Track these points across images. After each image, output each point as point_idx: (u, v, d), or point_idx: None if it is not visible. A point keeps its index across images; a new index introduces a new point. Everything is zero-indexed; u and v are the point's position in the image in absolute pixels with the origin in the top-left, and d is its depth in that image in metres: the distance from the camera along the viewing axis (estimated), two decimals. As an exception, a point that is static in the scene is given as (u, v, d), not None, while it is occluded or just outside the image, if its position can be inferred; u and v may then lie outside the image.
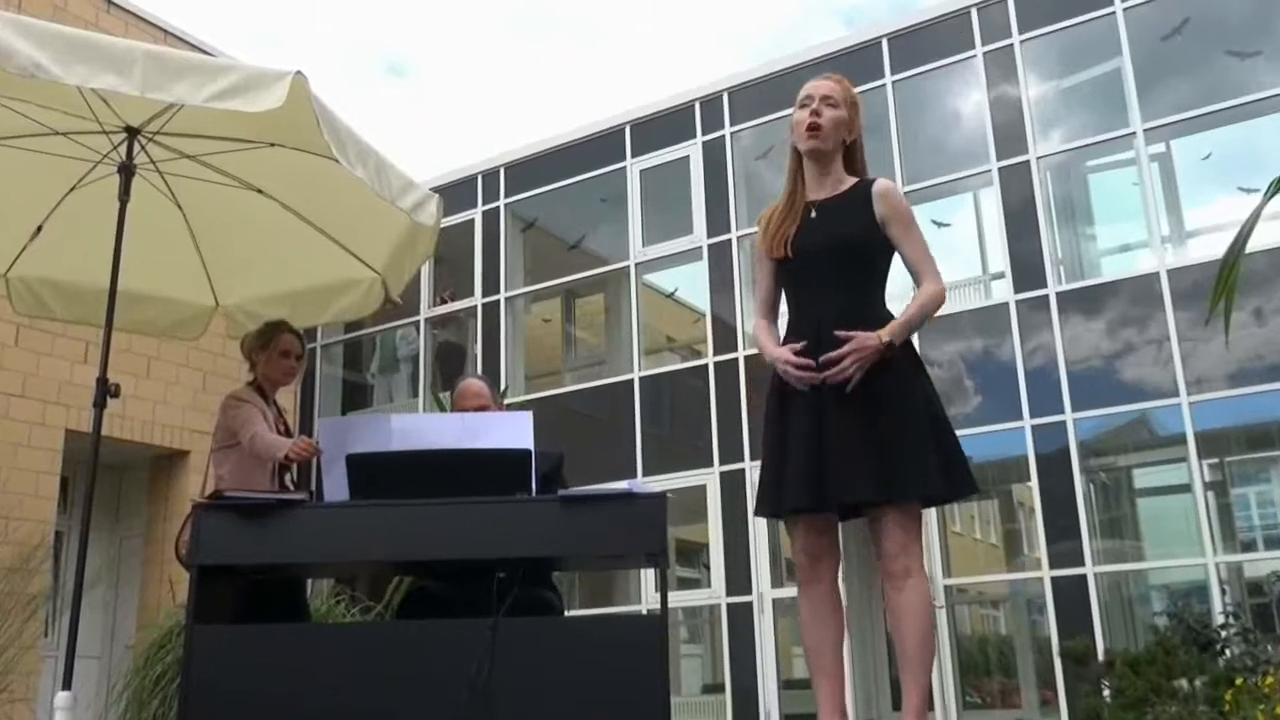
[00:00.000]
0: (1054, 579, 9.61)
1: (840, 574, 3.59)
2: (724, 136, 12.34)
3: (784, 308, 3.76)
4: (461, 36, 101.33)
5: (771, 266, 3.68)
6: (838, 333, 3.39)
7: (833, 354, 3.38)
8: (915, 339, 3.59)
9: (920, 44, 11.47)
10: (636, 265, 12.70)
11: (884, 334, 3.40)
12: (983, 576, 12.49)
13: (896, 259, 3.64)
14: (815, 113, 3.62)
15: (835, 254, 3.52)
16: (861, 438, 3.34)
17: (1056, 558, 9.63)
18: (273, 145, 4.95)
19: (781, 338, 3.65)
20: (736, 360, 11.61)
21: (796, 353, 3.46)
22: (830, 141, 3.62)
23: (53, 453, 11.10)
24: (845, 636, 3.61)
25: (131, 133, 4.76)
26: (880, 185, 3.60)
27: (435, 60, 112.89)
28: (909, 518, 3.39)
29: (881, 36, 11.61)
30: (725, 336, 11.86)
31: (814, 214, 3.61)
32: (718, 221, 12.14)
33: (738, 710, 10.62)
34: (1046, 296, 10.27)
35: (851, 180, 3.66)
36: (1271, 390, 9.25)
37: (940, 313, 3.73)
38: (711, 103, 12.52)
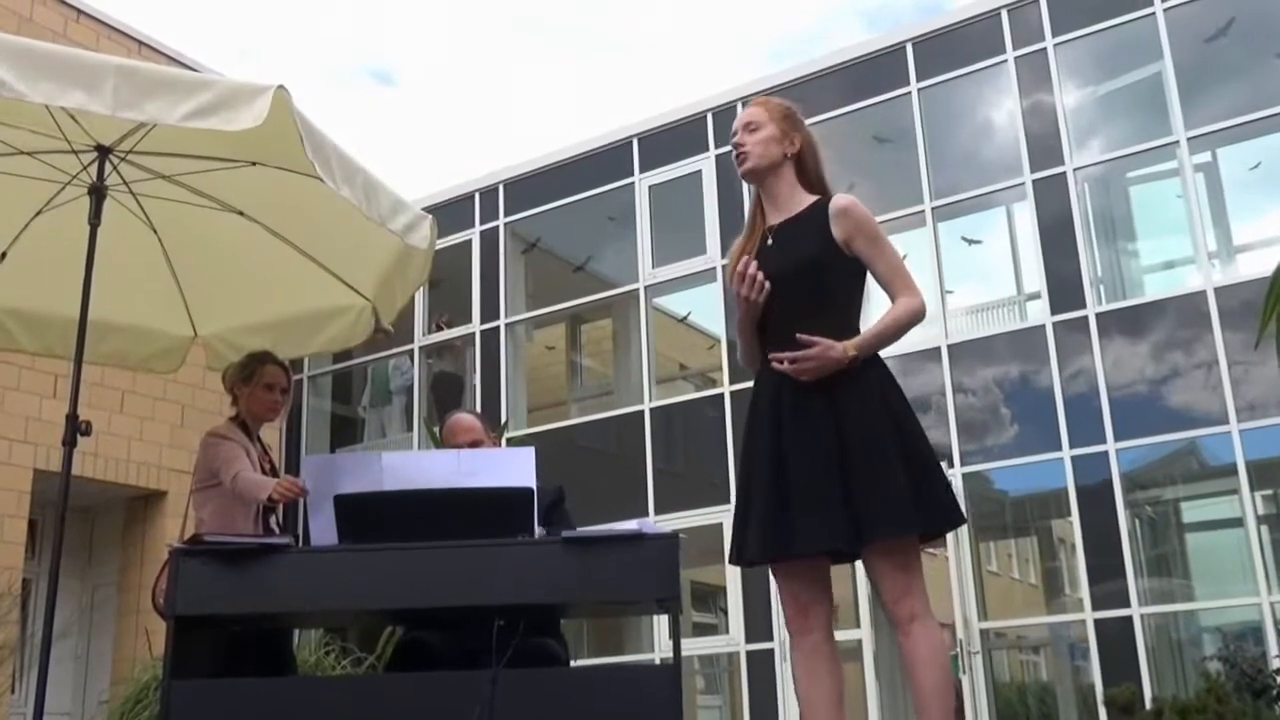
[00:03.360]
0: (1097, 621, 9.56)
1: (865, 620, 3.57)
2: (738, 149, 12.34)
3: None
4: (455, 41, 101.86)
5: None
6: (800, 336, 3.40)
7: (795, 353, 3.40)
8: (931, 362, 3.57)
9: (947, 48, 11.48)
10: (646, 288, 12.70)
11: (850, 346, 3.42)
12: (1021, 619, 12.42)
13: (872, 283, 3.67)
14: (737, 144, 3.74)
15: (792, 279, 3.54)
16: (823, 477, 3.34)
17: (1100, 598, 9.58)
18: (254, 164, 4.95)
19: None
20: (753, 389, 11.56)
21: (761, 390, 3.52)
22: (763, 160, 3.71)
23: (19, 494, 11.09)
24: (847, 689, 3.60)
25: (103, 152, 4.76)
26: (838, 202, 3.62)
27: (427, 67, 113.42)
28: (906, 557, 3.38)
29: (906, 41, 11.62)
30: (741, 363, 11.82)
31: (770, 240, 3.69)
32: (733, 240, 12.09)
33: (758, 766, 10.55)
34: (1086, 318, 10.23)
35: (811, 199, 3.70)
36: (1329, 417, 9.21)
37: (972, 335, 3.75)
38: (725, 113, 12.52)
